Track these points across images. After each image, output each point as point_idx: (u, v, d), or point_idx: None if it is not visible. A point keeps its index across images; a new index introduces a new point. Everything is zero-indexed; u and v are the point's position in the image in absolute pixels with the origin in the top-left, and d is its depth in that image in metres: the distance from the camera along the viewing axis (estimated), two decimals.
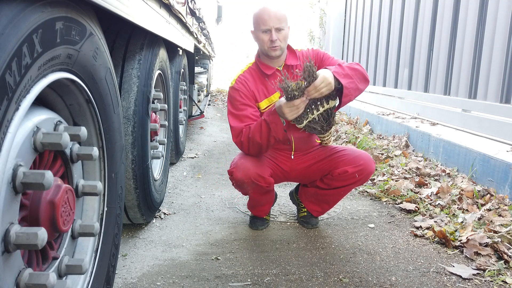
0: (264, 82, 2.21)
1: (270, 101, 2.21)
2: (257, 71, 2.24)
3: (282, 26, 2.09)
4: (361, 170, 2.19)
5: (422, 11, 4.99)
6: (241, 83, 2.21)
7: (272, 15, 2.06)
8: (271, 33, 2.08)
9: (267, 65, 2.21)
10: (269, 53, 2.14)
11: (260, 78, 2.22)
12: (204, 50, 5.77)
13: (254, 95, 2.20)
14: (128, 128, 1.93)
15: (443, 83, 4.41)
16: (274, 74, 2.19)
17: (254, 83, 2.21)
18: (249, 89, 2.20)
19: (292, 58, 2.23)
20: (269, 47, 2.11)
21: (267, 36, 2.10)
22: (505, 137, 3.21)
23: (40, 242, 0.81)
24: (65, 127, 1.03)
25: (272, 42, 2.09)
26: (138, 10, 1.50)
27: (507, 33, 3.33)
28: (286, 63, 2.22)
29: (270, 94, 2.21)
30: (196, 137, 5.44)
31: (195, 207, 2.75)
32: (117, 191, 1.41)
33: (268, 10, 2.07)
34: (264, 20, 2.07)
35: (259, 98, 2.21)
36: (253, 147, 2.10)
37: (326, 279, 1.85)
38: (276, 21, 2.07)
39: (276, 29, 2.08)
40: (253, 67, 2.27)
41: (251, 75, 2.23)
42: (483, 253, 2.02)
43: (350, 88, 1.95)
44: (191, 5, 3.42)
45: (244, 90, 2.19)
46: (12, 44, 0.74)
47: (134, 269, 1.89)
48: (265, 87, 2.21)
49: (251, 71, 2.25)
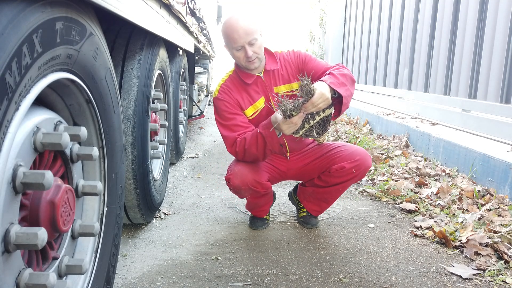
0: (246, 89, 2.18)
1: (256, 107, 2.18)
2: (237, 79, 2.19)
3: (254, 39, 2.01)
4: (358, 165, 2.19)
5: (422, 11, 4.99)
6: (224, 92, 2.17)
7: (241, 33, 1.98)
8: (245, 50, 2.02)
9: (247, 73, 2.16)
10: (247, 67, 2.09)
11: (242, 86, 2.18)
12: (204, 50, 5.77)
13: (239, 103, 2.17)
14: (128, 128, 1.93)
15: (443, 83, 4.41)
16: (255, 81, 2.16)
17: (237, 91, 2.17)
18: (233, 98, 2.16)
19: (271, 63, 2.18)
20: (246, 62, 2.06)
21: (242, 53, 2.04)
22: (505, 137, 3.21)
23: (40, 242, 0.81)
24: (65, 127, 1.03)
25: (248, 58, 2.03)
26: (138, 10, 1.50)
27: (507, 33, 3.33)
28: (266, 69, 2.16)
29: (254, 101, 2.18)
30: (196, 137, 5.44)
31: (195, 207, 2.75)
32: (117, 191, 1.41)
33: (235, 28, 1.99)
34: (234, 40, 2.00)
35: (244, 106, 2.17)
36: (249, 157, 2.11)
37: (326, 279, 1.85)
38: (247, 37, 1.99)
39: (248, 43, 2.01)
40: (233, 75, 2.22)
41: (233, 84, 2.19)
42: (483, 253, 2.02)
43: (347, 96, 1.97)
44: (191, 5, 3.42)
45: (229, 99, 2.15)
46: (12, 44, 0.74)
47: (134, 269, 1.89)
48: (248, 95, 2.18)
49: (232, 80, 2.21)
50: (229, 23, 2.03)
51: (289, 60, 2.21)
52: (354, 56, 7.86)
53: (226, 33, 2.04)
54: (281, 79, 2.18)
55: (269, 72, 2.18)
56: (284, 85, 2.19)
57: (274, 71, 2.18)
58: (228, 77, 2.24)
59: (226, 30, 2.03)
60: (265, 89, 2.18)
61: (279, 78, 2.18)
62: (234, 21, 2.01)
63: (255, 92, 2.17)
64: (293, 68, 2.20)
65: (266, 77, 2.17)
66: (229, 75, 2.24)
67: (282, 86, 2.19)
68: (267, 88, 2.17)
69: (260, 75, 2.17)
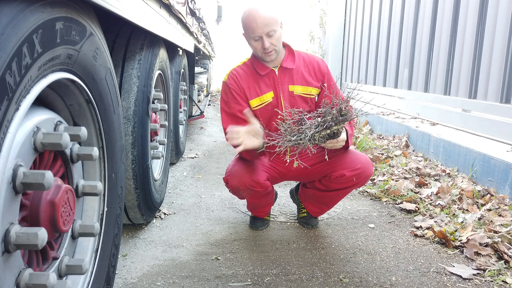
0: (257, 80, 2.15)
1: (262, 100, 2.14)
2: (251, 68, 2.17)
3: (272, 30, 1.98)
4: (359, 174, 2.15)
5: (422, 11, 4.99)
6: (232, 79, 2.15)
7: (259, 22, 1.95)
8: (263, 41, 2.00)
9: (262, 64, 2.14)
10: (264, 58, 2.08)
11: (254, 76, 2.15)
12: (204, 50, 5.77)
13: (245, 93, 2.14)
14: (128, 128, 1.93)
15: (443, 83, 4.41)
16: (268, 74, 2.14)
17: (246, 79, 2.15)
18: (240, 86, 2.14)
19: (289, 61, 2.15)
20: (263, 53, 2.04)
21: (259, 44, 2.02)
22: (505, 137, 3.21)
23: (40, 242, 0.81)
24: (65, 127, 1.03)
25: (265, 49, 2.02)
26: (138, 10, 1.50)
27: (507, 33, 3.33)
28: (282, 65, 2.13)
29: (262, 93, 2.14)
30: (196, 137, 5.44)
31: (195, 207, 2.75)
32: (117, 191, 1.41)
33: (254, 17, 1.96)
34: (252, 29, 1.98)
35: (249, 96, 2.14)
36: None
37: (326, 279, 1.85)
38: (265, 27, 1.96)
39: (266, 34, 1.98)
40: (248, 63, 2.20)
41: (244, 71, 2.17)
42: (483, 253, 2.02)
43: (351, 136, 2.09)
44: (191, 5, 3.42)
45: (235, 87, 2.14)
46: (12, 44, 0.74)
47: (134, 269, 1.89)
48: (257, 85, 2.14)
49: (245, 67, 2.18)
50: (249, 12, 2.00)
51: (315, 65, 2.18)
52: (354, 56, 7.86)
53: (245, 22, 2.01)
54: (299, 79, 2.14)
55: (285, 69, 2.14)
56: (301, 86, 2.14)
57: (292, 70, 2.14)
58: (242, 64, 2.21)
59: (245, 19, 2.01)
60: (277, 85, 2.13)
61: (297, 77, 2.14)
62: (254, 11, 1.98)
63: (265, 85, 2.14)
64: (317, 74, 2.17)
65: (281, 73, 2.13)
66: (244, 62, 2.22)
67: (299, 86, 2.14)
68: (279, 84, 2.13)
69: (275, 69, 2.14)
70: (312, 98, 2.16)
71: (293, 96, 2.13)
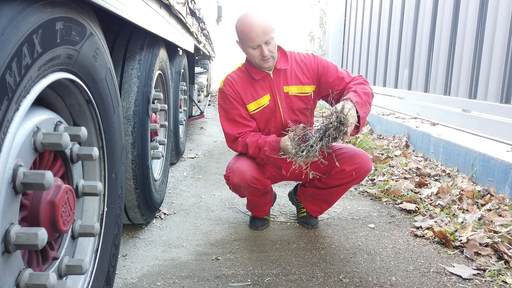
0: (253, 84, 2.17)
1: (259, 103, 2.17)
2: (246, 73, 2.18)
3: (271, 38, 1.99)
4: (358, 168, 2.17)
5: (422, 11, 4.99)
6: (228, 85, 2.17)
7: (259, 31, 1.95)
8: (261, 49, 2.00)
9: (256, 69, 2.15)
10: (261, 65, 2.08)
11: (249, 80, 2.17)
12: (204, 50, 5.77)
13: (241, 98, 2.16)
14: (128, 129, 1.93)
15: (443, 83, 4.41)
16: (263, 78, 2.16)
17: (242, 84, 2.17)
18: (236, 91, 2.16)
19: (283, 62, 2.16)
20: (261, 60, 2.05)
21: (257, 52, 2.02)
22: (505, 137, 3.21)
23: (40, 243, 0.81)
24: (65, 127, 1.03)
25: (263, 57, 2.02)
26: (138, 10, 1.50)
27: (507, 33, 3.33)
28: (276, 67, 2.15)
29: (259, 96, 2.17)
30: (196, 137, 5.44)
31: (195, 207, 2.75)
32: (117, 191, 1.41)
33: (253, 26, 1.95)
34: (251, 38, 1.97)
35: (246, 101, 2.16)
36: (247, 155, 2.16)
37: (326, 279, 1.85)
38: (264, 36, 1.96)
39: (265, 42, 1.98)
40: (242, 68, 2.22)
41: (239, 77, 2.18)
42: (483, 253, 2.02)
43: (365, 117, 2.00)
44: (191, 5, 3.42)
45: (232, 92, 2.16)
46: (12, 44, 0.74)
47: (134, 269, 1.89)
48: (254, 90, 2.17)
49: (239, 73, 2.20)
50: (246, 20, 1.99)
51: (307, 62, 2.18)
52: (354, 56, 7.86)
53: (243, 31, 2.00)
54: (293, 79, 2.16)
55: (280, 71, 2.16)
56: (295, 86, 2.17)
57: (286, 71, 2.16)
58: (237, 69, 2.23)
59: (243, 27, 1.99)
60: (272, 87, 2.16)
61: (291, 78, 2.16)
62: (252, 19, 1.97)
63: (261, 89, 2.16)
64: (310, 71, 2.17)
65: (276, 75, 2.15)
66: (239, 67, 2.24)
67: (294, 86, 2.17)
68: (274, 86, 2.16)
69: (269, 72, 2.16)
70: (308, 96, 2.18)
71: (288, 97, 2.17)
